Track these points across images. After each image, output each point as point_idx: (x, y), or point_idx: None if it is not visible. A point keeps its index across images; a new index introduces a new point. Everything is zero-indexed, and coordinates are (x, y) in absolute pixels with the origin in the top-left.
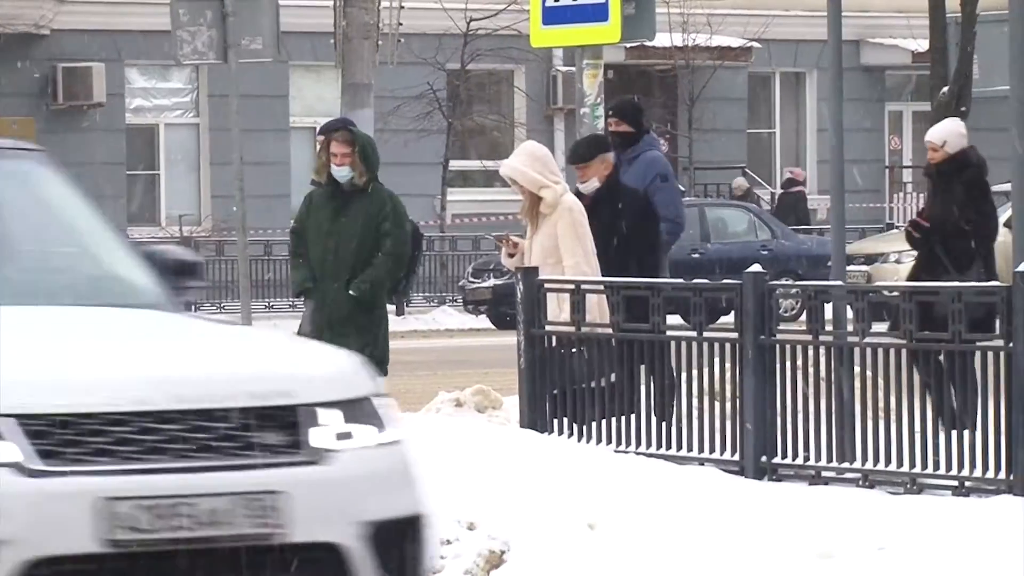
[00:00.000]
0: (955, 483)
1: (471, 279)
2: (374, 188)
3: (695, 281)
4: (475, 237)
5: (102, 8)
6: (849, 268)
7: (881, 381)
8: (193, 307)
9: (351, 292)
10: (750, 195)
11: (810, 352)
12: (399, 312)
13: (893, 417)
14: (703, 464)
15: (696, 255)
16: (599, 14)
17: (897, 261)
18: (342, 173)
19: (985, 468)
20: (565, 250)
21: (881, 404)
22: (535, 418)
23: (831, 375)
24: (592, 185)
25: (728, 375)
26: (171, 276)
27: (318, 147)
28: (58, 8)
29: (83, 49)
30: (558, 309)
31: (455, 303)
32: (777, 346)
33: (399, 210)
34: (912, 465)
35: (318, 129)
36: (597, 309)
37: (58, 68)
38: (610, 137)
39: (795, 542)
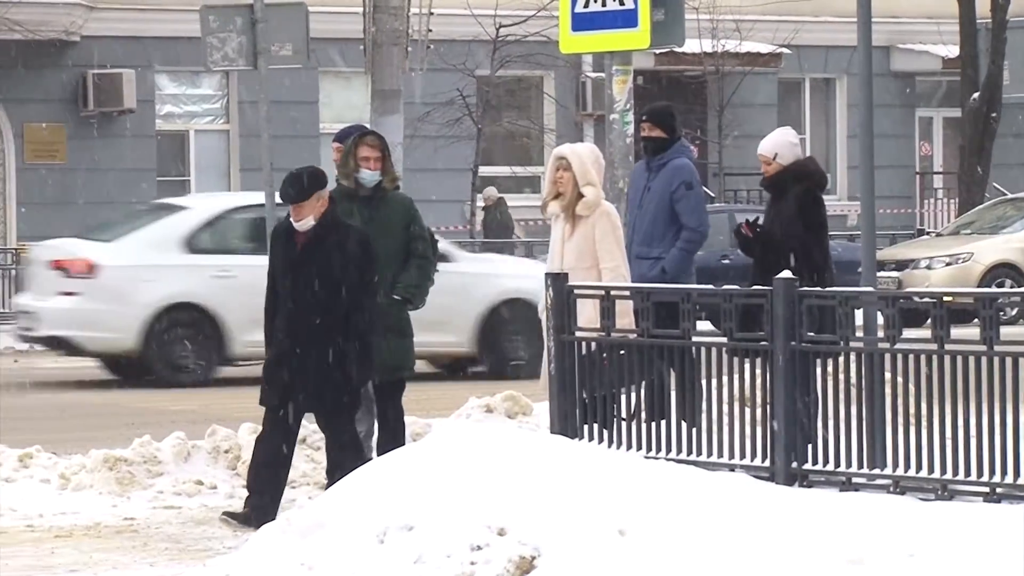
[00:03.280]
0: (986, 489)
1: None
2: (396, 191)
3: (725, 287)
4: (504, 243)
5: (132, 15)
6: (880, 274)
7: (912, 387)
8: None
9: (395, 296)
10: (501, 205)
11: (840, 358)
12: None
13: (924, 423)
14: (733, 470)
15: (726, 261)
16: (628, 20)
17: (928, 267)
18: (373, 177)
19: (1017, 474)
20: (604, 253)
21: (912, 410)
22: (565, 424)
23: (862, 381)
24: (308, 223)
25: (759, 381)
26: None
27: (335, 154)
28: (88, 15)
29: (113, 55)
30: (594, 314)
31: None
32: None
33: (420, 213)
34: (943, 471)
35: (334, 136)
36: (627, 314)
37: (88, 74)
38: (642, 142)
39: (825, 548)
